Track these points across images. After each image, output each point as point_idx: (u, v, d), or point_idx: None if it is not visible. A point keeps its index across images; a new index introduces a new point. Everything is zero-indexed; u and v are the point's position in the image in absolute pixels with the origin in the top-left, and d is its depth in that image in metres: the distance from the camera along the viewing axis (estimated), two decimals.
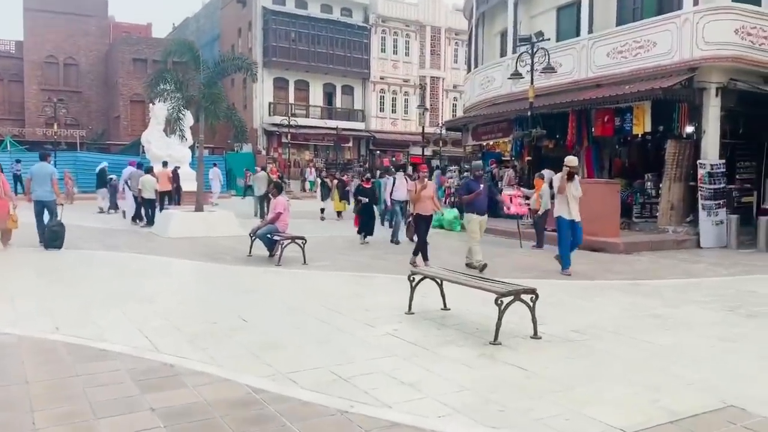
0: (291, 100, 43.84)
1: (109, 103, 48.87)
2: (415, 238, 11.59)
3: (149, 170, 18.37)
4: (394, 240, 14.47)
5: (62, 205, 12.60)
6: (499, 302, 5.77)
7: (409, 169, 33.77)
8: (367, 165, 46.10)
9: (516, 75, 16.80)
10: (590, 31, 17.34)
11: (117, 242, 13.87)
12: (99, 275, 9.36)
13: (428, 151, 49.40)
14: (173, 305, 7.42)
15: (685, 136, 14.82)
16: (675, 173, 14.86)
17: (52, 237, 11.99)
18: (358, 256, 12.24)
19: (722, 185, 14.54)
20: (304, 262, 10.79)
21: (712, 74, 14.38)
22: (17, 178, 26.95)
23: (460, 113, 49.97)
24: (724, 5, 14.23)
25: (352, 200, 18.91)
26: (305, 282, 9.12)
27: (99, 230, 16.16)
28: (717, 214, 14.41)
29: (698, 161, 14.47)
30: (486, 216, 10.94)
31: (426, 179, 11.38)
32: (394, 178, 15.34)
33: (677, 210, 15.01)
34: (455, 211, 17.78)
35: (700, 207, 14.35)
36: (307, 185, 38.99)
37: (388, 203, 15.54)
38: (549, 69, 15.93)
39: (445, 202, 21.99)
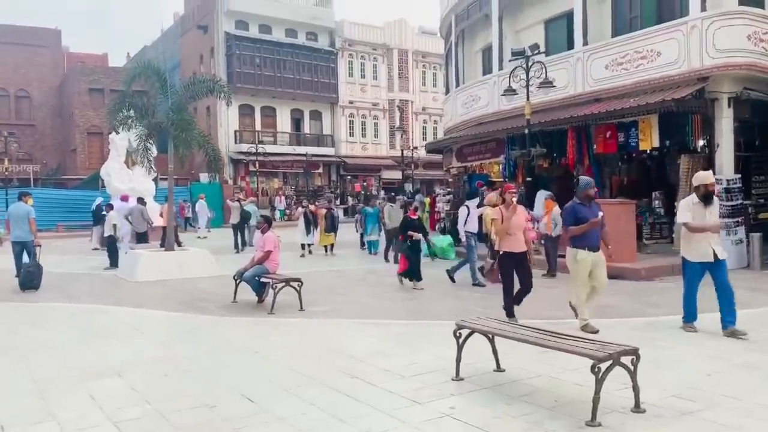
0: (258, 127, 42.31)
1: (65, 135, 46.54)
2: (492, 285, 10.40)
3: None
4: (476, 282, 11.55)
5: (39, 245, 12.25)
6: (596, 369, 4.41)
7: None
8: (338, 191, 44.84)
9: (510, 91, 15.69)
10: (585, 43, 16.39)
11: (77, 290, 12.12)
12: (57, 339, 7.69)
13: (399, 175, 48.38)
14: (154, 379, 5.85)
15: (698, 150, 13.84)
16: (689, 190, 13.81)
17: (27, 278, 11.76)
18: (358, 296, 10.78)
19: (739, 201, 13.56)
20: (301, 308, 9.30)
21: (723, 83, 13.47)
22: None
23: (430, 136, 49.24)
24: (734, 10, 13.37)
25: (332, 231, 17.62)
26: (309, 335, 7.62)
27: (56, 275, 14.34)
28: (736, 233, 13.40)
29: (716, 177, 13.44)
30: (600, 252, 7.80)
31: (515, 202, 8.43)
32: (467, 206, 12.35)
33: None
34: (449, 238, 16.46)
35: None
36: (277, 214, 37.28)
37: (462, 237, 12.22)
38: (547, 83, 14.85)
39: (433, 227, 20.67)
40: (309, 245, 17.71)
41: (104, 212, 19.83)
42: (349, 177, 46.61)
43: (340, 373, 5.82)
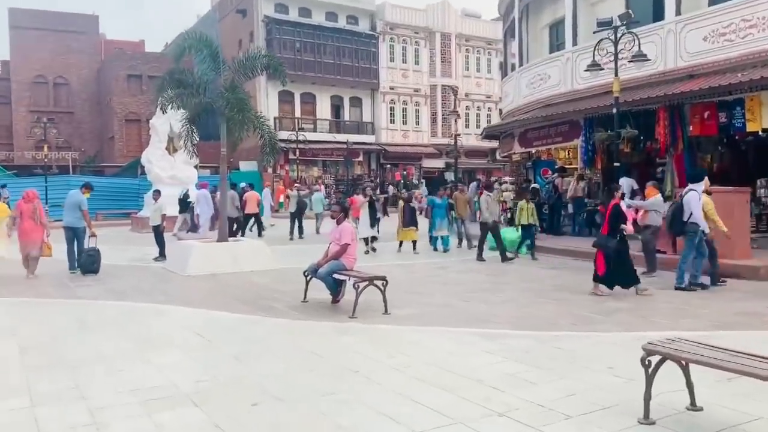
0: (297, 113, 41.12)
1: (103, 123, 46.04)
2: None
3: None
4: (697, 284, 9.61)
5: (95, 236, 12.38)
6: None
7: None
8: (378, 179, 43.46)
9: (594, 67, 14.05)
10: (678, 12, 14.67)
11: (125, 284, 10.97)
12: (109, 348, 6.45)
13: (440, 163, 46.85)
14: (241, 412, 4.53)
15: None
16: None
17: (89, 262, 11.99)
18: (443, 296, 9.38)
19: None
20: (386, 310, 7.96)
21: None
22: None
23: (473, 123, 47.56)
24: None
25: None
26: (410, 349, 6.24)
27: (101, 267, 13.22)
28: None
29: None
30: None
31: None
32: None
33: None
34: (516, 231, 14.85)
35: None
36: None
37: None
38: (640, 56, 13.19)
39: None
40: (371, 240, 15.21)
41: (190, 200, 19.75)
42: (388, 165, 45.22)
43: (483, 410, 4.43)
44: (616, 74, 13.55)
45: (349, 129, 42.79)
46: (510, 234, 15.17)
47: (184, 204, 19.80)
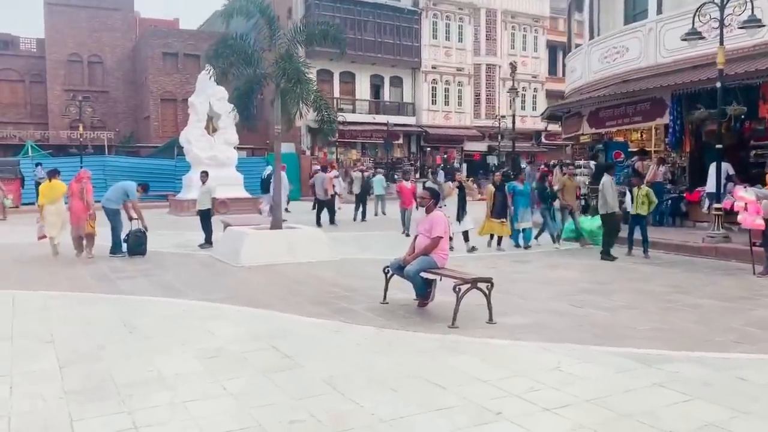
0: (336, 93, 39.68)
1: (138, 102, 45.21)
2: None
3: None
4: None
5: (136, 219, 11.84)
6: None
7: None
8: (417, 163, 41.95)
9: (694, 35, 12.36)
10: None
11: (173, 276, 9.78)
12: (171, 367, 5.20)
13: (483, 146, 45.11)
14: None
15: None
16: None
17: (136, 243, 11.70)
18: (551, 301, 7.94)
19: None
20: (491, 319, 6.58)
21: None
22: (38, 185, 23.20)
23: (519, 104, 45.55)
24: None
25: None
26: (547, 378, 4.84)
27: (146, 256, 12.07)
28: None
29: None
30: None
31: None
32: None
33: None
34: (598, 219, 13.12)
35: None
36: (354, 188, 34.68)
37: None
38: (753, 22, 11.48)
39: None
40: (466, 237, 12.27)
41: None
42: (429, 148, 43.64)
43: None
44: (722, 42, 11.86)
45: (389, 110, 41.26)
46: (588, 224, 13.65)
47: (266, 185, 19.76)
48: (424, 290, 7.20)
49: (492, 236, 12.64)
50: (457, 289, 6.42)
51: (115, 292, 8.57)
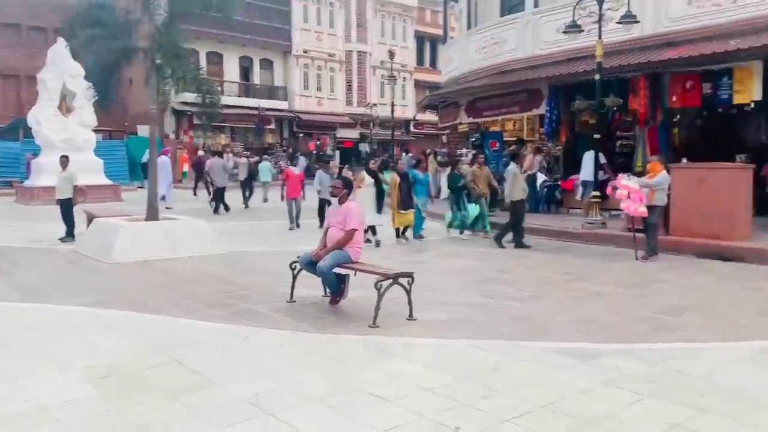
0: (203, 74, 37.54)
1: None
2: None
3: None
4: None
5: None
6: None
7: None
8: (290, 149, 40.96)
9: (574, 28, 12.74)
10: None
11: (34, 276, 8.50)
12: (47, 390, 4.31)
13: (355, 134, 44.99)
14: None
15: None
16: None
17: None
18: (458, 292, 7.73)
19: None
20: (411, 315, 6.22)
21: None
22: None
23: (388, 93, 45.78)
24: None
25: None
26: (493, 382, 4.56)
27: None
28: None
29: None
30: None
31: None
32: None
33: None
34: (477, 208, 13.18)
35: None
36: None
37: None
38: (629, 18, 12.02)
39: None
40: (372, 230, 11.45)
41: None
42: (301, 134, 42.75)
43: None
44: (600, 36, 12.31)
45: (260, 93, 39.83)
46: (475, 210, 13.66)
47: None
48: (338, 287, 6.70)
49: (399, 230, 11.96)
50: (378, 286, 5.97)
51: None
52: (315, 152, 41.74)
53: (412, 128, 47.22)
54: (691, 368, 4.78)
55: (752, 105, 12.28)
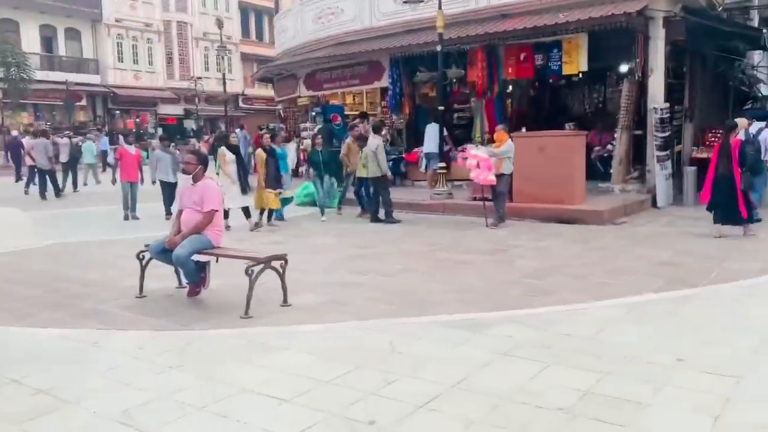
0: None
1: None
2: None
3: None
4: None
5: None
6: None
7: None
8: (105, 128, 37.52)
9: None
10: None
11: None
12: None
13: (179, 110, 42.37)
14: None
15: (635, 76, 12.45)
16: (626, 121, 12.53)
17: None
18: (325, 271, 7.34)
19: (669, 133, 12.64)
20: (285, 301, 5.74)
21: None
22: None
23: (213, 66, 43.61)
24: None
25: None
26: (397, 365, 4.26)
27: None
28: (666, 167, 12.50)
29: (652, 105, 12.27)
30: None
31: None
32: None
33: (624, 165, 12.79)
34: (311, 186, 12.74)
35: (654, 159, 12.24)
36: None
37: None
38: None
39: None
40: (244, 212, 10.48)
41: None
42: (118, 111, 39.39)
43: None
44: (440, 7, 12.42)
45: (67, 67, 35.94)
46: (310, 189, 13.09)
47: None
48: (197, 276, 5.98)
49: (263, 211, 10.92)
50: (249, 272, 5.39)
51: None
52: (135, 130, 38.73)
53: (241, 103, 45.50)
54: (578, 330, 4.85)
55: (580, 75, 13.13)
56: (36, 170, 16.34)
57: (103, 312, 5.69)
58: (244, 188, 10.29)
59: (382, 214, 11.18)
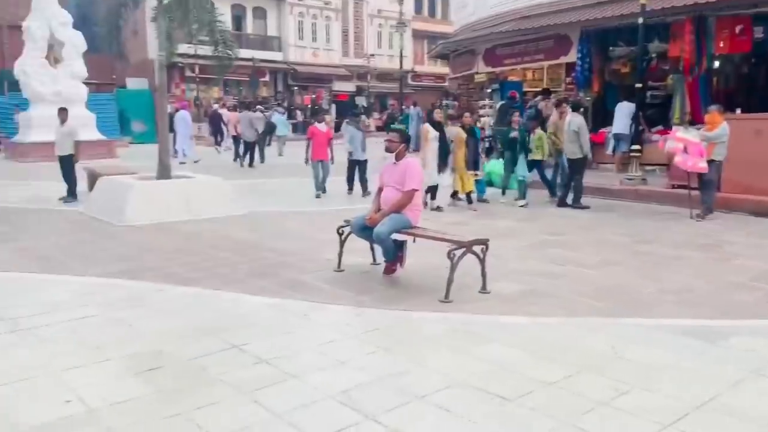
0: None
1: None
2: None
3: None
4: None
5: None
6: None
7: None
8: (285, 103, 39.65)
9: None
10: None
11: (41, 242, 7.65)
12: (96, 394, 3.56)
13: (351, 87, 43.65)
14: None
15: None
16: None
17: None
18: (527, 259, 6.99)
19: None
20: (484, 287, 5.48)
21: None
22: None
23: (386, 43, 44.33)
24: None
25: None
26: (626, 373, 3.86)
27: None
28: None
29: None
30: None
31: None
32: None
33: None
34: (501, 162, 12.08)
35: None
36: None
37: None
38: None
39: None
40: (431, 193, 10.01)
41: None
42: (296, 87, 41.40)
43: None
44: None
45: (254, 44, 38.27)
46: (499, 168, 12.74)
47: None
48: (395, 254, 5.92)
49: (456, 193, 10.47)
50: (451, 255, 5.21)
51: None
52: (310, 106, 40.56)
53: (410, 80, 45.88)
54: None
55: None
56: (240, 141, 17.64)
57: (304, 283, 5.81)
58: (441, 167, 10.00)
59: (569, 198, 10.55)
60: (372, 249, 6.35)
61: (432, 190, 10.05)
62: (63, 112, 11.17)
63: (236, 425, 3.13)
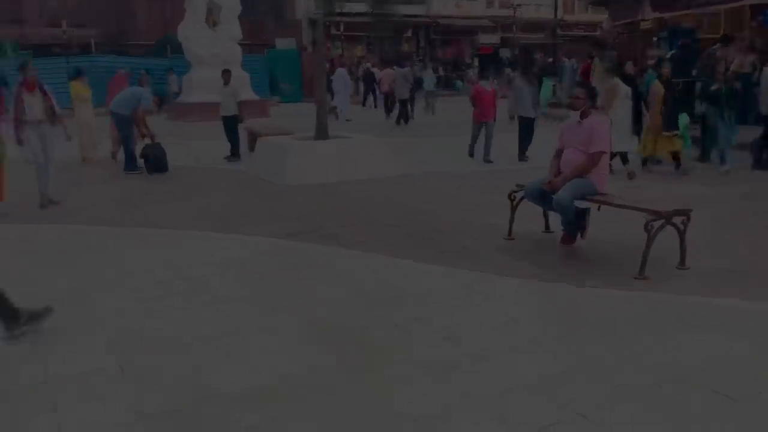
0: None
1: None
2: None
3: None
4: None
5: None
6: None
7: None
8: (426, 58, 39.08)
9: None
10: None
11: (210, 201, 7.94)
12: (304, 363, 3.50)
13: (496, 39, 42.08)
14: None
15: None
16: None
17: (157, 158, 10.20)
18: (738, 232, 6.19)
19: None
20: (683, 262, 4.87)
21: None
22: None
23: None
24: None
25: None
26: None
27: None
28: None
29: None
30: None
31: None
32: None
33: None
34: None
35: None
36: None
37: None
38: None
39: None
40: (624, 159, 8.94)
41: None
42: (438, 42, 40.59)
43: None
44: None
45: None
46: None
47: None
48: (575, 224, 5.43)
49: (647, 160, 9.46)
50: (649, 227, 4.65)
51: (147, 224, 6.75)
52: (453, 60, 39.77)
53: (558, 30, 43.41)
54: None
55: None
56: (393, 98, 17.70)
57: (474, 252, 5.50)
58: (636, 129, 9.05)
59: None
60: (545, 216, 5.90)
61: (622, 156, 8.95)
62: (226, 74, 11.56)
63: (432, 409, 2.92)
